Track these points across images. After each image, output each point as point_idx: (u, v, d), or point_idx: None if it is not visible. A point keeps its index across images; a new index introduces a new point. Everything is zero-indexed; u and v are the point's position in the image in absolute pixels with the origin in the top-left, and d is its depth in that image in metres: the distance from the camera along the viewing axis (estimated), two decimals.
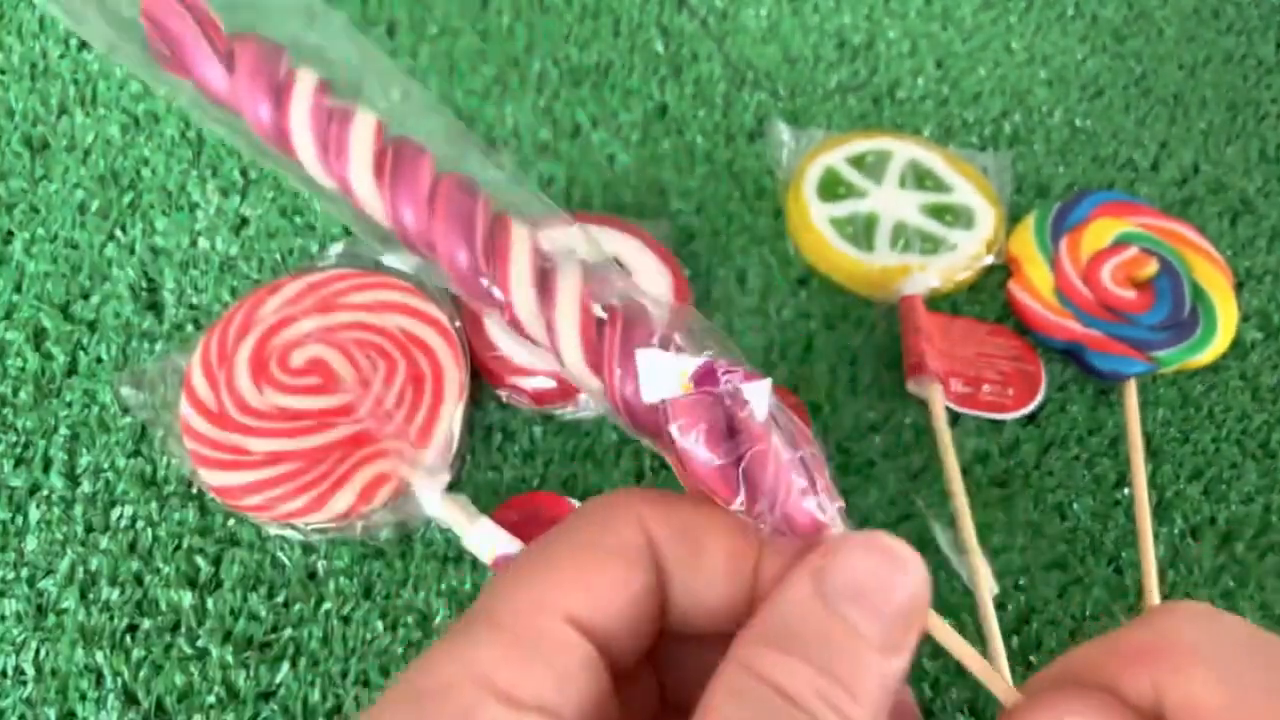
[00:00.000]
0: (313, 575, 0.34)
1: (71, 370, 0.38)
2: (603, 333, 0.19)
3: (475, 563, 0.34)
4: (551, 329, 0.19)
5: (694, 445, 0.18)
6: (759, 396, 0.18)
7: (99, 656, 0.31)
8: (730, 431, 0.18)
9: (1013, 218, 0.45)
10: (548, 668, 0.16)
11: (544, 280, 0.19)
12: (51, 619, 0.32)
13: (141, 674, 0.31)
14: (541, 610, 0.17)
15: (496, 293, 0.19)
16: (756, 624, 0.17)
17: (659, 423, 0.18)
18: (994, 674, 0.19)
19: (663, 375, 0.18)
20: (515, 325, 0.19)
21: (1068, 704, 0.17)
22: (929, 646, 0.33)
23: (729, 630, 0.18)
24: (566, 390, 0.37)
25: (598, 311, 0.19)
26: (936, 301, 0.42)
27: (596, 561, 0.18)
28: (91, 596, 0.33)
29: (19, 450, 0.36)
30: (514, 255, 0.19)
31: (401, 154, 0.19)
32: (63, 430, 0.36)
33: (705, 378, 0.18)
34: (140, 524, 0.34)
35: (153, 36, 0.19)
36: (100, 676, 0.31)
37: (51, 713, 0.30)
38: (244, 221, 0.42)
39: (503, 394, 0.38)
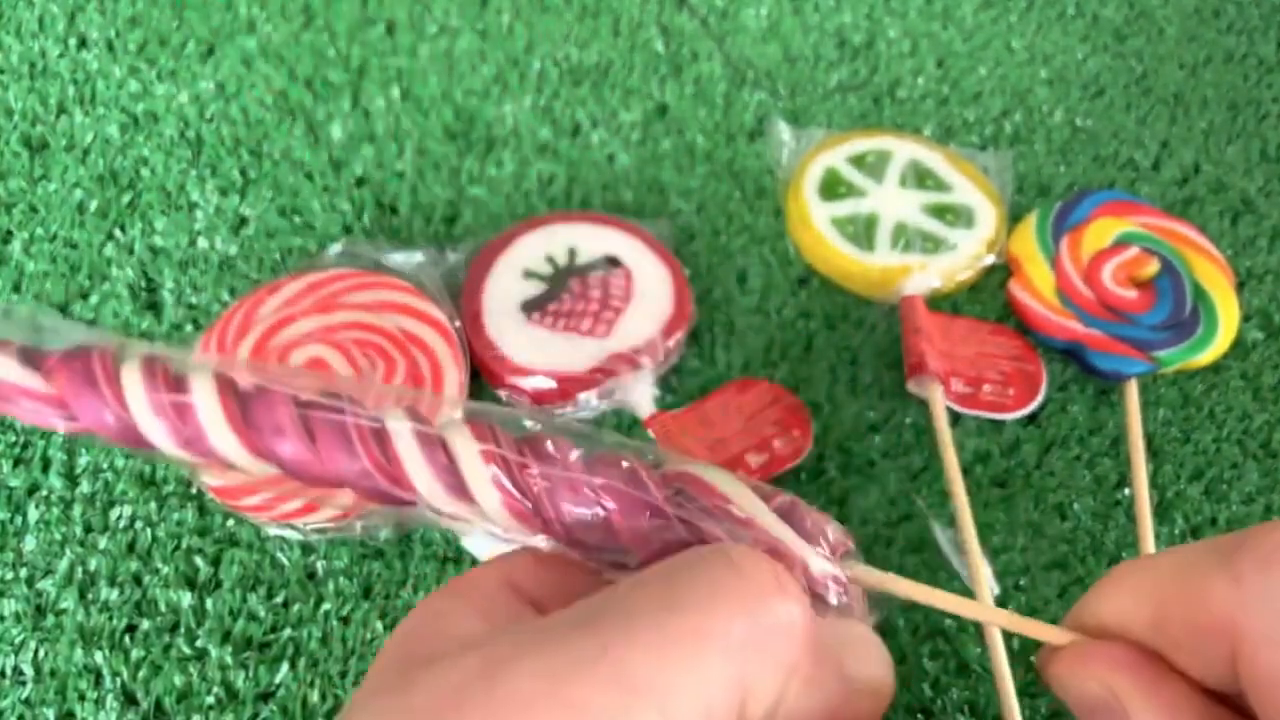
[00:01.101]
0: (312, 575, 0.33)
1: None
2: (528, 494, 0.19)
3: (475, 562, 0.34)
4: (477, 511, 0.19)
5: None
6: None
7: (98, 657, 0.31)
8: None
9: (1013, 217, 0.45)
10: (482, 611, 0.19)
11: (449, 467, 0.19)
12: (50, 619, 0.32)
13: (140, 674, 0.31)
14: (488, 576, 0.20)
15: (406, 494, 0.19)
16: None
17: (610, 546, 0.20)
18: (1032, 622, 0.19)
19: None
20: (438, 515, 0.20)
21: (1114, 673, 0.17)
22: (928, 647, 0.33)
23: None
24: (566, 390, 0.37)
25: (501, 477, 0.19)
26: (937, 301, 0.42)
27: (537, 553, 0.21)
28: (90, 597, 0.33)
29: (18, 450, 0.36)
30: (404, 456, 0.19)
31: (250, 401, 0.19)
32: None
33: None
34: (139, 524, 0.34)
35: None
36: (99, 677, 0.31)
37: (50, 713, 0.30)
38: (243, 221, 0.42)
39: (503, 394, 0.38)
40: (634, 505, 0.19)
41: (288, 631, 0.32)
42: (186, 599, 0.32)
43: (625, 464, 0.19)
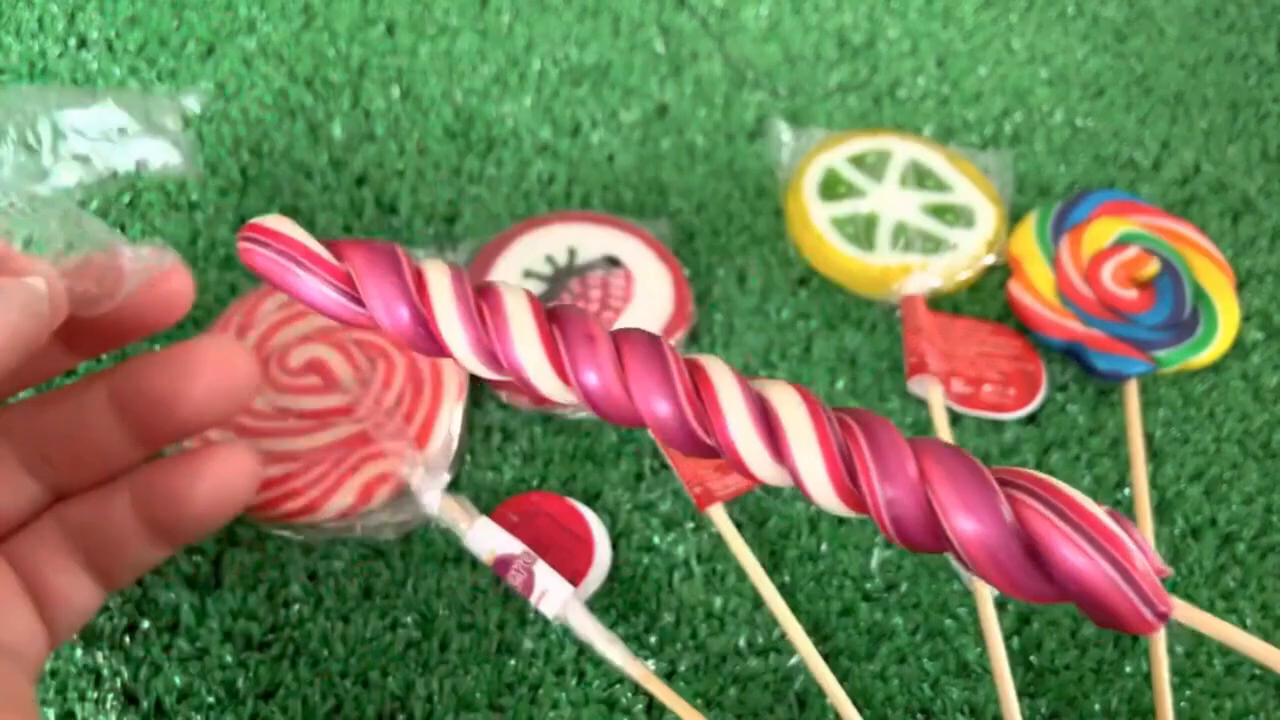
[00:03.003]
0: (312, 575, 0.33)
1: (70, 370, 0.38)
2: (850, 457, 0.17)
3: (475, 563, 0.34)
4: (794, 472, 0.17)
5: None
6: None
7: (98, 657, 0.31)
8: None
9: (1014, 217, 0.45)
10: None
11: (765, 419, 0.17)
12: None
13: (141, 674, 0.31)
14: None
15: (710, 441, 0.17)
16: None
17: (934, 533, 0.17)
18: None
19: None
20: (746, 472, 0.17)
21: None
22: (928, 647, 0.33)
23: None
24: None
25: (833, 436, 0.17)
26: (937, 301, 0.42)
27: None
28: None
29: None
30: (725, 402, 0.17)
31: (566, 317, 0.17)
32: None
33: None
34: None
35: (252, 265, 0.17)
36: (99, 677, 0.31)
37: (51, 713, 0.30)
38: (243, 220, 0.42)
39: (503, 394, 0.38)
40: (973, 500, 0.16)
41: (288, 631, 0.32)
42: (187, 599, 0.32)
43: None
